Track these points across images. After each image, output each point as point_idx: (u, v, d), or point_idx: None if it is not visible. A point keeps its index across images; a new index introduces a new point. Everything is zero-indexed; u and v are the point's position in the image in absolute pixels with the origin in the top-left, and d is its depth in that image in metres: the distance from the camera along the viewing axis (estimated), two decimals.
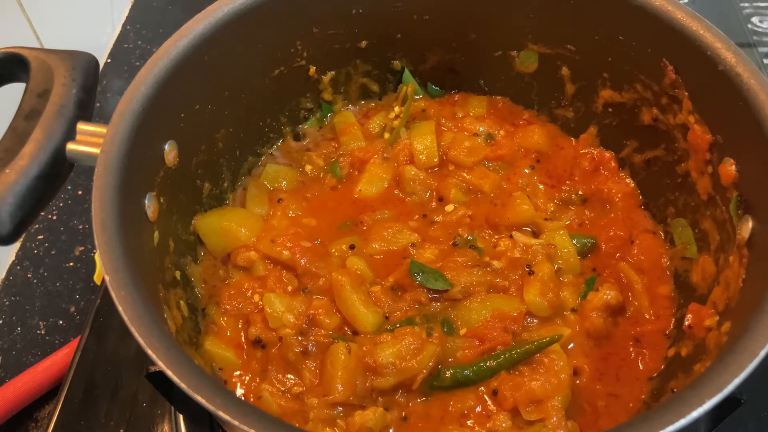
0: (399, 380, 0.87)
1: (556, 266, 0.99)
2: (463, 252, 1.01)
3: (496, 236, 1.03)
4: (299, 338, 0.92)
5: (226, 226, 1.03)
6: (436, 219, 1.07)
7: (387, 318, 0.94)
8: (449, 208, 1.08)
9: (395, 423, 0.88)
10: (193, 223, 1.02)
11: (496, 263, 0.99)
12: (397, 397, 0.89)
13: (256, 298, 0.98)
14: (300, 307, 0.95)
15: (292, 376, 0.92)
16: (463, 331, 0.93)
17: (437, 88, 1.23)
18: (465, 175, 1.11)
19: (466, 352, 0.91)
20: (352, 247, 1.02)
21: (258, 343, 0.94)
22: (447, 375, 0.89)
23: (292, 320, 0.93)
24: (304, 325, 0.93)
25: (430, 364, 0.88)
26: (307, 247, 1.00)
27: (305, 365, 0.91)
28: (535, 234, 1.03)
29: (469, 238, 1.03)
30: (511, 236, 1.02)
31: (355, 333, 0.94)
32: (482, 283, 0.96)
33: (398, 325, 0.92)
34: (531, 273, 0.97)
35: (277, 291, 0.98)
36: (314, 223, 1.07)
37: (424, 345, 0.89)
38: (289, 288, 0.99)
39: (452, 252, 1.01)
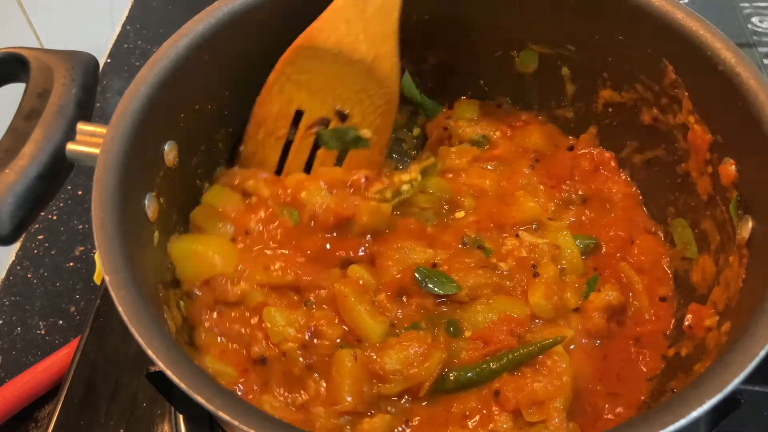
0: (406, 387, 0.86)
1: (559, 267, 0.99)
2: (470, 253, 0.99)
3: (504, 235, 1.02)
4: (303, 352, 0.89)
5: (201, 250, 0.93)
6: (446, 221, 1.05)
7: (393, 325, 0.92)
8: (459, 214, 1.05)
9: (400, 428, 0.87)
10: (167, 249, 0.93)
11: (503, 265, 0.98)
12: (402, 402, 0.87)
13: (254, 321, 0.92)
14: (301, 320, 0.90)
15: (295, 391, 0.88)
16: (468, 333, 0.92)
17: (433, 101, 1.21)
18: (464, 176, 1.10)
19: (470, 353, 0.90)
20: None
21: (260, 360, 0.90)
22: (451, 378, 0.88)
23: (293, 333, 0.89)
24: (306, 338, 0.89)
25: (437, 371, 0.86)
26: (302, 262, 0.96)
27: (311, 378, 0.88)
28: (539, 233, 1.02)
29: (477, 238, 1.01)
30: (517, 235, 1.01)
31: (359, 340, 0.91)
32: (489, 285, 0.95)
33: (404, 330, 0.91)
34: (536, 275, 0.96)
35: (277, 305, 0.93)
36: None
37: (431, 351, 0.87)
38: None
39: (459, 253, 0.99)
